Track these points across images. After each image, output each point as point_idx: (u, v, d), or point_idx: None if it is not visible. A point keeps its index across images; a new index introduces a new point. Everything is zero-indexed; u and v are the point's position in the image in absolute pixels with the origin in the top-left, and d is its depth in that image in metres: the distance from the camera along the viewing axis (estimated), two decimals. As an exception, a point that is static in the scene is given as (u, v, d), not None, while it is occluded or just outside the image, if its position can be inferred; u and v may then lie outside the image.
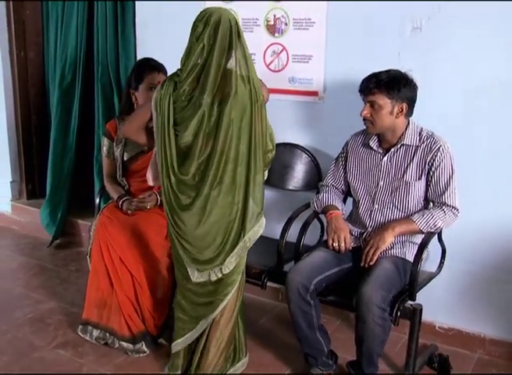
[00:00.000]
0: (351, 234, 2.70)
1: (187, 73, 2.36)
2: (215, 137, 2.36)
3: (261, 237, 3.35)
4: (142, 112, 2.57)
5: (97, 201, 3.44)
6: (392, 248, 2.61)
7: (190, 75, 2.35)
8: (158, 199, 3.02)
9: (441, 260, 2.82)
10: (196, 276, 2.50)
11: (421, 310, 2.57)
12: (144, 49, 3.72)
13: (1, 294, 3.55)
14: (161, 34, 3.64)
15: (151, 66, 3.10)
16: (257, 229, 2.55)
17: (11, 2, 4.39)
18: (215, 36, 2.32)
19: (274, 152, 2.58)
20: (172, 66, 3.25)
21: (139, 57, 3.72)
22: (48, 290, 3.60)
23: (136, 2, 3.70)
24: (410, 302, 2.53)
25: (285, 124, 3.30)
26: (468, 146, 2.78)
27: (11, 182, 4.77)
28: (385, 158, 2.65)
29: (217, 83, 2.33)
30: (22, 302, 3.42)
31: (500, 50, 2.67)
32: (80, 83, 4.15)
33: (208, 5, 3.33)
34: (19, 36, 4.48)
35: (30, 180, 4.80)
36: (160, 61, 3.21)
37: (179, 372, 2.66)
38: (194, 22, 2.40)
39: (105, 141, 3.22)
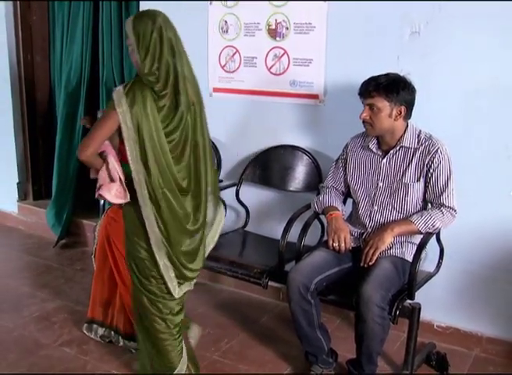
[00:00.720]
0: (351, 235, 2.73)
1: (164, 80, 2.21)
2: (195, 139, 2.33)
3: (263, 237, 3.42)
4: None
5: (102, 202, 3.49)
6: (391, 248, 2.64)
7: (168, 82, 2.22)
8: None
9: (439, 260, 2.86)
10: (177, 292, 2.48)
11: (419, 309, 2.60)
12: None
13: (8, 292, 3.59)
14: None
15: None
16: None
17: (18, 8, 4.43)
18: (175, 37, 2.27)
19: None
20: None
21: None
22: (54, 289, 3.65)
23: (141, 8, 3.72)
24: (408, 301, 2.57)
25: (286, 127, 3.35)
26: (466, 148, 2.82)
27: (17, 183, 4.80)
28: (385, 160, 2.69)
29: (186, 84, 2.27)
30: (28, 301, 3.46)
31: (497, 53, 2.70)
32: (85, 86, 4.19)
33: (213, 7, 3.42)
34: (26, 40, 4.52)
35: (37, 182, 4.83)
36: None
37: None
38: (149, 23, 2.20)
39: (110, 143, 3.26)
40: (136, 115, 2.16)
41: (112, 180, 2.27)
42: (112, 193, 2.26)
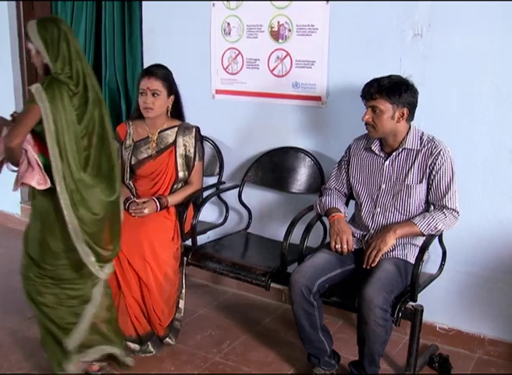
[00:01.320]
0: (353, 236, 2.73)
1: (76, 80, 2.38)
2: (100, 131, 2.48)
3: (265, 239, 3.43)
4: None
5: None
6: (393, 250, 2.64)
7: (79, 81, 2.39)
8: (157, 205, 3.04)
9: (441, 262, 2.86)
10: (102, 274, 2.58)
11: (421, 311, 2.60)
12: (151, 55, 3.77)
13: (12, 294, 3.57)
14: (168, 41, 3.69)
15: (145, 70, 3.14)
16: None
17: (21, 10, 4.45)
18: (77, 41, 2.45)
19: None
20: (177, 71, 3.32)
21: (145, 63, 3.78)
22: (57, 290, 3.65)
23: (144, 10, 3.74)
24: (411, 303, 2.57)
25: (288, 128, 3.35)
26: (469, 150, 2.82)
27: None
28: (387, 162, 2.69)
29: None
30: (31, 303, 3.47)
31: (499, 55, 2.70)
32: (88, 87, 4.20)
33: (216, 9, 3.43)
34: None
35: (40, 183, 4.83)
36: (166, 66, 3.27)
37: None
38: (55, 30, 2.35)
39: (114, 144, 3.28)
40: (56, 109, 2.32)
41: (31, 168, 2.40)
42: (35, 180, 2.38)
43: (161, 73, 3.08)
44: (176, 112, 3.21)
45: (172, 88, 3.10)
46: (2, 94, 4.69)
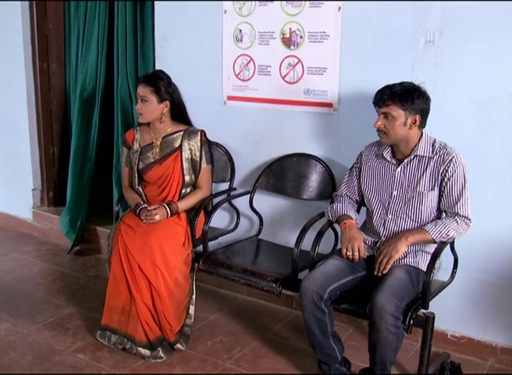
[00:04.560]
0: (365, 243, 2.72)
1: None
2: None
3: (276, 245, 3.43)
4: None
5: (116, 209, 3.52)
6: (405, 257, 2.63)
7: None
8: (167, 211, 3.05)
9: (453, 269, 2.84)
10: None
11: (433, 318, 2.59)
12: (163, 62, 3.78)
13: (23, 298, 3.61)
14: (180, 47, 3.70)
15: (139, 78, 3.19)
16: None
17: (34, 17, 4.48)
18: None
19: None
20: (189, 77, 3.35)
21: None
22: (68, 295, 3.67)
23: (156, 17, 3.76)
24: (422, 311, 2.55)
25: (300, 135, 3.35)
26: (481, 157, 2.81)
27: (32, 190, 4.84)
28: (399, 168, 2.69)
29: None
30: (42, 307, 3.49)
31: (511, 61, 2.69)
32: (100, 93, 4.22)
33: (228, 16, 3.45)
34: (42, 49, 4.56)
35: (51, 188, 4.86)
36: (177, 73, 3.29)
37: None
38: None
39: (124, 150, 3.31)
40: None
41: None
42: None
43: (151, 80, 3.11)
44: (179, 117, 3.23)
45: (164, 94, 3.11)
46: (15, 97, 4.74)
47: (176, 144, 3.17)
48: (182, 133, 3.19)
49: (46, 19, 4.56)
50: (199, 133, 3.20)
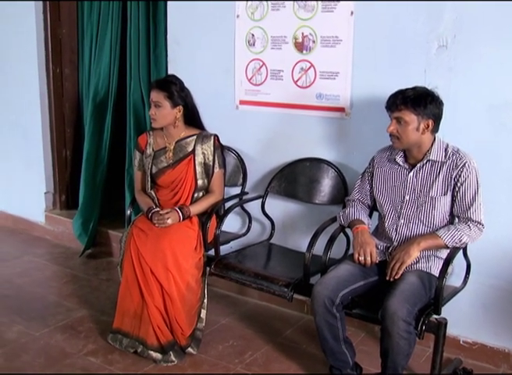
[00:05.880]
0: (377, 248, 2.72)
1: None
2: None
3: (288, 250, 3.43)
4: None
5: (128, 212, 3.53)
6: (417, 262, 2.62)
7: None
8: (179, 215, 3.05)
9: (466, 275, 2.83)
10: None
11: (445, 324, 2.57)
12: (175, 66, 3.80)
13: (36, 301, 3.63)
14: (192, 52, 3.72)
15: (151, 83, 3.22)
16: None
17: (48, 21, 4.52)
18: None
19: None
20: (202, 82, 3.36)
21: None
22: (80, 298, 3.68)
23: (168, 21, 3.77)
24: (435, 316, 2.54)
25: (312, 139, 3.35)
26: (493, 162, 2.79)
27: (45, 193, 4.87)
28: (411, 173, 2.68)
29: None
30: (54, 310, 3.50)
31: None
32: (113, 97, 4.25)
33: (240, 20, 3.46)
34: (55, 53, 4.60)
35: (64, 191, 4.89)
36: (190, 77, 3.29)
37: None
38: None
39: (136, 154, 3.32)
40: None
41: None
42: None
43: (164, 85, 3.12)
44: (192, 121, 3.24)
45: (177, 99, 3.12)
46: (28, 101, 4.77)
47: (190, 149, 3.19)
48: (195, 137, 3.20)
49: (59, 23, 4.60)
50: (212, 137, 3.20)
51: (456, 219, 2.66)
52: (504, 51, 2.70)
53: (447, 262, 2.53)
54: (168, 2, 3.76)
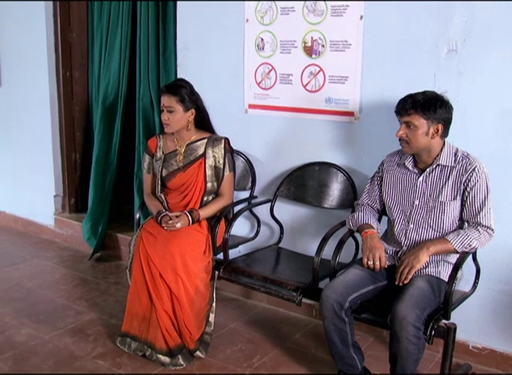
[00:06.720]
0: (386, 253, 2.71)
1: None
2: None
3: (297, 254, 3.42)
4: None
5: (137, 216, 3.53)
6: (426, 267, 2.62)
7: None
8: (189, 219, 3.06)
9: (475, 280, 2.82)
10: None
11: (455, 329, 2.55)
12: (184, 70, 3.81)
13: (45, 304, 3.64)
14: (201, 56, 3.73)
15: (161, 88, 3.21)
16: None
17: (58, 26, 4.55)
18: None
19: None
20: (211, 86, 3.36)
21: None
22: (89, 301, 3.69)
23: (178, 26, 3.78)
24: (444, 321, 2.53)
25: (321, 144, 3.35)
26: (503, 167, 2.78)
27: (54, 196, 4.89)
28: (421, 178, 2.68)
29: None
30: (63, 313, 3.51)
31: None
32: (122, 101, 4.26)
33: (250, 24, 3.46)
34: (65, 57, 4.63)
35: (73, 195, 4.92)
36: (199, 81, 3.30)
37: None
38: None
39: (146, 157, 3.33)
40: None
41: None
42: None
43: (175, 89, 3.11)
44: (203, 124, 3.24)
45: (189, 103, 3.12)
46: (38, 104, 4.79)
47: (200, 152, 3.19)
48: (206, 140, 3.21)
49: (70, 27, 4.63)
50: (223, 140, 3.21)
51: (466, 224, 2.65)
52: (513, 56, 2.70)
53: (457, 266, 2.52)
54: (178, 2, 3.77)
